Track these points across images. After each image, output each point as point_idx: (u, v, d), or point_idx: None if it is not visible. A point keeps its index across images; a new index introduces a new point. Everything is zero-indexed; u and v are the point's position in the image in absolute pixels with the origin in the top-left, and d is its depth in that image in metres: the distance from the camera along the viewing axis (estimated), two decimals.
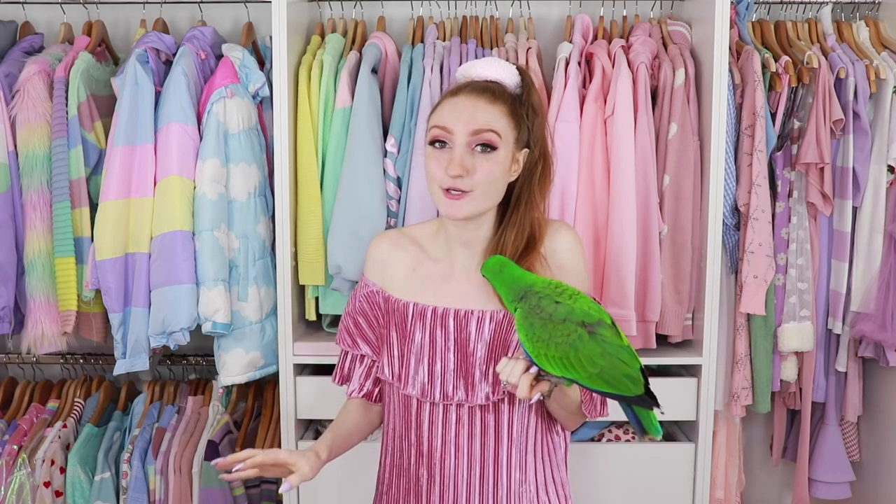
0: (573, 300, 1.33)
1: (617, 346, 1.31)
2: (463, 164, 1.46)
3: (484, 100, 1.49)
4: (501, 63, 1.55)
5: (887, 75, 2.23)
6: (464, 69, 1.57)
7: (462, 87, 1.52)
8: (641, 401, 1.31)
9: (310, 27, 2.32)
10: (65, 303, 2.12)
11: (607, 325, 1.32)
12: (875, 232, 2.26)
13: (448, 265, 1.58)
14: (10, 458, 2.20)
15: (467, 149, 1.47)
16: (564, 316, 1.31)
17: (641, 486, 2.15)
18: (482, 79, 1.53)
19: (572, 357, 1.30)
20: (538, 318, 1.32)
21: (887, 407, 2.38)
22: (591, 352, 1.29)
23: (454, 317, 1.54)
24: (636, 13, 2.34)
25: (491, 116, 1.48)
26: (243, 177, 2.13)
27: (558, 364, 1.31)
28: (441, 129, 1.48)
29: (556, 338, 1.30)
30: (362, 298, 1.64)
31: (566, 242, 1.57)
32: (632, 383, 1.30)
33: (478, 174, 1.46)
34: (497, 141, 1.47)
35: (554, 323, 1.31)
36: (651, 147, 2.10)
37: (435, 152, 1.49)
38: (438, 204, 1.51)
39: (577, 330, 1.30)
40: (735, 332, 2.25)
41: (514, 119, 1.50)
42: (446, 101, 1.52)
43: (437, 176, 1.48)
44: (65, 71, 2.12)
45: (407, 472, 1.59)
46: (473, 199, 1.48)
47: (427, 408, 1.55)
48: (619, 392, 1.31)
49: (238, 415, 2.38)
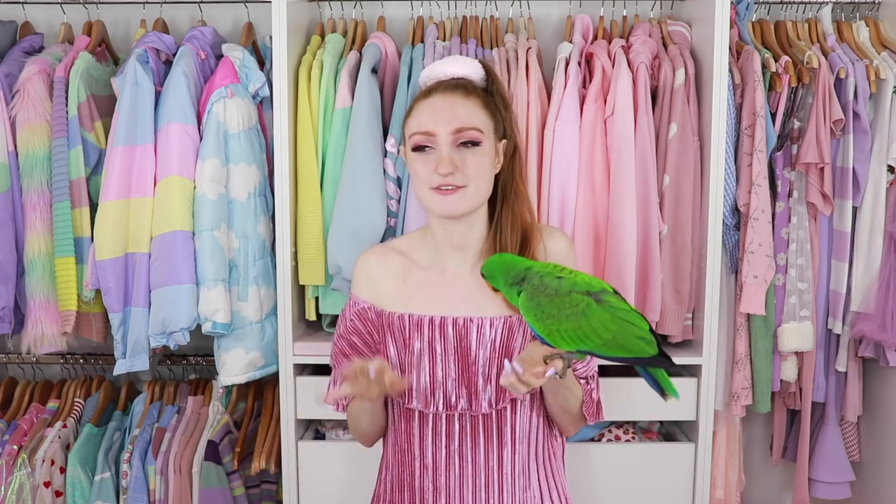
0: (573, 274, 1.36)
1: (625, 310, 1.33)
2: (452, 160, 1.46)
3: (459, 96, 1.50)
4: (464, 59, 1.58)
5: (887, 75, 2.23)
6: (429, 71, 1.58)
7: (433, 88, 1.53)
8: (657, 361, 1.33)
9: (310, 27, 2.32)
10: (65, 303, 2.12)
11: (610, 293, 1.35)
12: (875, 232, 2.26)
13: (438, 272, 1.58)
14: (10, 458, 2.20)
15: (452, 147, 1.48)
16: (569, 288, 1.32)
17: (641, 486, 2.15)
18: (449, 77, 1.55)
19: (584, 326, 1.31)
20: (544, 296, 1.33)
21: (887, 407, 2.38)
22: (602, 318, 1.31)
23: (453, 325, 1.53)
24: (636, 13, 2.34)
25: (469, 111, 1.49)
26: (243, 177, 2.13)
27: (571, 336, 1.32)
28: (423, 134, 1.49)
29: (565, 310, 1.31)
30: (354, 317, 1.61)
31: (561, 244, 1.59)
32: (646, 344, 1.32)
33: (469, 168, 1.47)
34: (480, 136, 1.49)
35: (560, 296, 1.32)
36: (651, 147, 2.09)
37: (420, 156, 1.49)
38: (431, 204, 1.50)
39: (584, 299, 1.32)
40: (735, 332, 2.25)
41: (488, 110, 1.52)
42: (420, 105, 1.52)
43: (426, 177, 1.48)
44: (65, 71, 2.12)
45: (411, 485, 1.58)
46: (468, 194, 1.48)
47: (430, 419, 1.54)
48: (635, 355, 1.32)
49: (238, 415, 2.38)
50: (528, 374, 1.33)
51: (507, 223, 1.54)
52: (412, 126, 1.51)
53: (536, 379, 1.34)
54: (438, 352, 1.53)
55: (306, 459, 2.15)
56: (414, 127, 1.51)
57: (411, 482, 1.57)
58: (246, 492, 2.25)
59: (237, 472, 2.22)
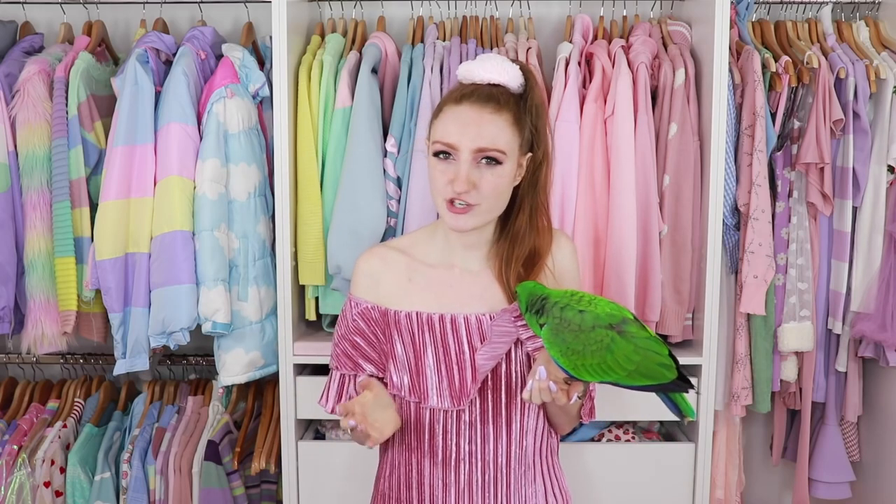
0: (594, 305, 1.36)
1: (645, 339, 1.34)
2: (469, 179, 1.44)
3: (489, 110, 1.45)
4: (505, 64, 1.50)
5: (887, 75, 2.23)
6: (466, 70, 1.52)
7: (465, 96, 1.47)
8: (677, 386, 1.35)
9: (310, 27, 2.32)
10: (65, 303, 2.12)
11: (631, 321, 1.36)
12: (875, 232, 2.27)
13: (446, 269, 1.58)
14: (10, 458, 2.20)
15: (472, 163, 1.45)
16: (592, 323, 1.33)
17: (641, 486, 2.15)
18: (485, 82, 1.49)
19: (609, 361, 1.33)
20: (568, 332, 1.34)
21: (887, 407, 2.38)
22: (626, 351, 1.33)
23: (465, 323, 1.53)
24: (636, 13, 2.34)
25: (496, 129, 1.45)
26: (243, 177, 2.13)
27: (597, 370, 1.34)
28: (445, 144, 1.46)
29: (590, 346, 1.33)
30: (357, 317, 1.59)
31: (565, 250, 1.60)
32: (666, 370, 1.34)
33: (483, 188, 1.45)
34: (502, 157, 1.46)
35: (585, 332, 1.33)
36: (651, 147, 2.10)
37: (439, 164, 1.47)
38: (442, 216, 1.50)
39: (608, 334, 1.33)
40: (735, 332, 2.25)
41: (518, 126, 1.48)
42: (449, 111, 1.47)
43: (441, 187, 1.47)
44: (65, 71, 2.12)
45: (420, 483, 1.58)
46: (480, 212, 1.48)
47: (440, 416, 1.54)
48: (657, 381, 1.34)
49: (238, 415, 2.38)
50: (559, 392, 1.38)
51: (520, 231, 1.54)
52: (437, 131, 1.48)
53: (564, 397, 1.39)
54: (448, 348, 1.53)
55: (306, 459, 2.15)
56: (439, 133, 1.47)
57: (420, 479, 1.57)
58: (246, 492, 2.25)
59: (237, 472, 2.22)
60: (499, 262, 1.55)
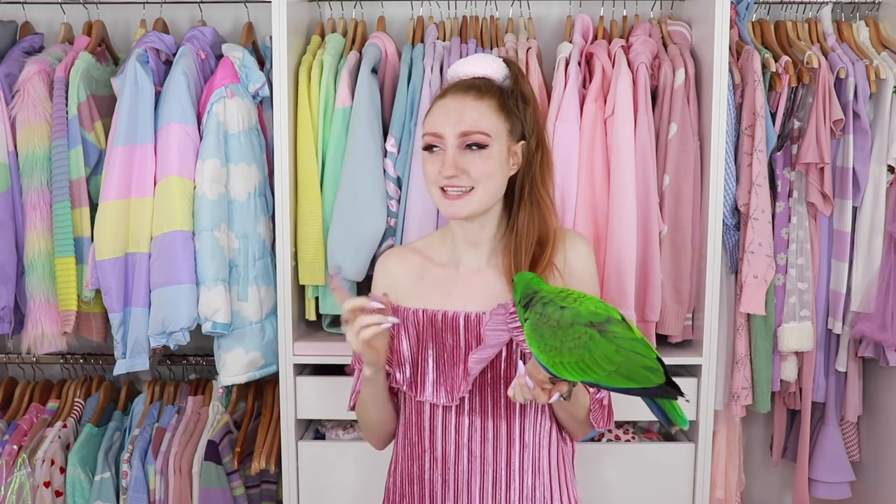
0: (578, 303, 1.32)
1: (630, 340, 1.29)
2: (456, 163, 1.48)
3: (470, 98, 1.50)
4: (487, 58, 1.57)
5: (887, 75, 2.23)
6: (453, 69, 1.60)
7: (448, 89, 1.54)
8: (664, 391, 1.29)
9: (310, 27, 2.32)
10: (65, 303, 2.12)
11: (617, 322, 1.31)
12: (875, 232, 2.26)
13: (453, 268, 1.60)
14: (10, 458, 2.20)
15: (459, 149, 1.49)
16: (571, 320, 1.30)
17: (641, 486, 2.15)
18: (469, 76, 1.56)
19: (587, 359, 1.28)
20: (546, 328, 1.31)
21: (887, 407, 2.38)
22: (606, 350, 1.28)
23: (465, 320, 1.54)
24: (636, 13, 2.34)
25: (478, 114, 1.49)
26: (243, 177, 2.13)
27: (575, 369, 1.29)
28: (432, 135, 1.51)
29: (567, 343, 1.29)
30: None
31: (581, 252, 1.58)
32: (652, 374, 1.28)
33: (473, 171, 1.48)
34: (486, 140, 1.49)
35: (563, 328, 1.29)
36: (651, 147, 2.09)
37: (430, 156, 1.52)
38: (439, 206, 1.53)
39: (587, 331, 1.29)
40: (735, 332, 2.25)
41: (503, 112, 1.52)
42: (436, 105, 1.54)
43: (433, 177, 1.51)
44: (65, 71, 2.12)
45: (420, 479, 1.58)
46: (474, 197, 1.49)
47: (440, 413, 1.55)
48: (640, 385, 1.29)
49: (238, 415, 2.38)
50: (536, 389, 1.35)
51: (522, 226, 1.54)
52: (426, 125, 1.54)
53: (543, 396, 1.36)
54: (449, 345, 1.54)
55: (306, 459, 2.15)
56: (427, 126, 1.53)
57: (420, 475, 1.58)
58: (246, 492, 2.25)
59: (237, 472, 2.22)
60: (507, 258, 1.55)
